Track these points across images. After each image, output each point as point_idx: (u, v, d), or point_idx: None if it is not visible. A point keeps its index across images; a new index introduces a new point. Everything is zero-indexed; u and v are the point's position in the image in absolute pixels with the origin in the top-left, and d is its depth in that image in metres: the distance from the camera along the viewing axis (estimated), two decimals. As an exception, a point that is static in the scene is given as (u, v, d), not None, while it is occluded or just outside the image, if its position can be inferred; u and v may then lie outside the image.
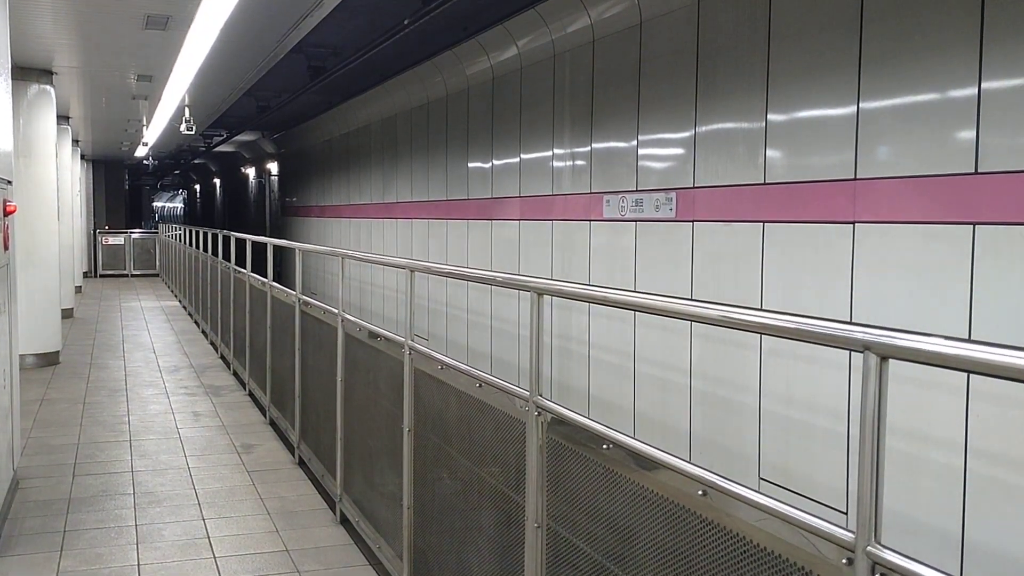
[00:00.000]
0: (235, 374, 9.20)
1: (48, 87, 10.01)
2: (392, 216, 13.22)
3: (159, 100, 12.28)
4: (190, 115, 12.52)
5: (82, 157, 21.36)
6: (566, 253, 7.95)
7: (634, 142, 6.85)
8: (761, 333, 1.86)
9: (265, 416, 7.31)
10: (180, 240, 16.81)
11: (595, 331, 7.36)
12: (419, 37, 9.54)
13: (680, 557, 1.92)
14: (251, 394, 8.16)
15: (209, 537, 4.64)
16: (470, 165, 10.21)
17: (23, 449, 6.06)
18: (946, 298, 4.30)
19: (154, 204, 47.41)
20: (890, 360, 1.39)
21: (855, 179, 4.80)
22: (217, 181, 37.53)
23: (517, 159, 8.94)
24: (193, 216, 45.55)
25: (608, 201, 7.19)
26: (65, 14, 7.40)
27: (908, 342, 1.36)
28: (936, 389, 4.24)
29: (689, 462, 1.92)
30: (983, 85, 4.12)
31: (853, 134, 4.82)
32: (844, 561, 1.46)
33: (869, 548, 1.40)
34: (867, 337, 1.41)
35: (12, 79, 8.72)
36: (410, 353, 3.68)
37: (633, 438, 2.13)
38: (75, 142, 17.85)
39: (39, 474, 5.72)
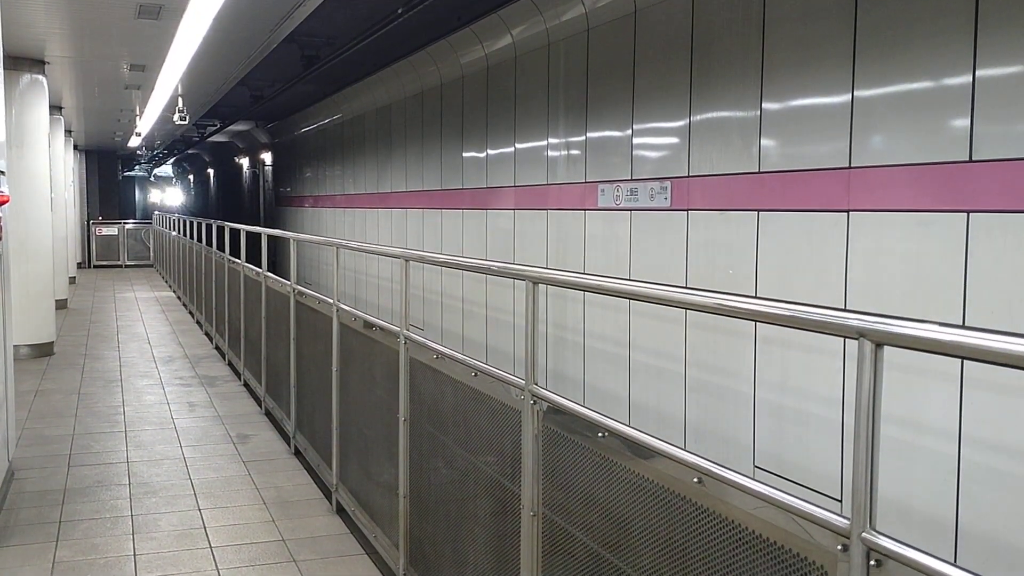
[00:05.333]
0: (230, 364, 9.19)
1: (40, 77, 9.95)
2: (387, 206, 13.20)
3: (152, 90, 12.23)
4: (183, 105, 12.46)
5: (75, 147, 21.27)
6: (561, 242, 7.95)
7: (629, 131, 6.84)
8: (756, 321, 1.86)
9: (260, 406, 7.31)
10: (174, 229, 16.78)
11: (590, 320, 7.37)
12: (413, 26, 9.50)
13: (676, 545, 1.93)
14: (246, 384, 8.16)
15: (205, 527, 4.65)
16: (465, 155, 10.19)
17: (18, 440, 6.05)
18: (940, 286, 4.31)
19: (149, 199, 47.00)
20: (885, 347, 1.39)
21: (850, 167, 4.81)
22: (211, 171, 37.41)
23: (512, 149, 8.93)
24: (187, 206, 45.41)
25: (603, 190, 7.19)
26: (57, 2, 7.35)
27: (903, 329, 1.36)
28: (930, 376, 4.26)
29: (684, 450, 1.93)
30: (977, 73, 4.12)
31: (848, 122, 4.82)
32: (839, 547, 1.47)
33: (864, 534, 1.41)
34: (862, 324, 1.41)
35: (4, 69, 8.68)
36: (405, 343, 3.68)
37: (628, 426, 2.14)
38: (68, 132, 17.77)
39: (34, 465, 5.71)
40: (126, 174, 35.38)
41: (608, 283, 2.45)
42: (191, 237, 13.44)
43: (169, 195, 48.78)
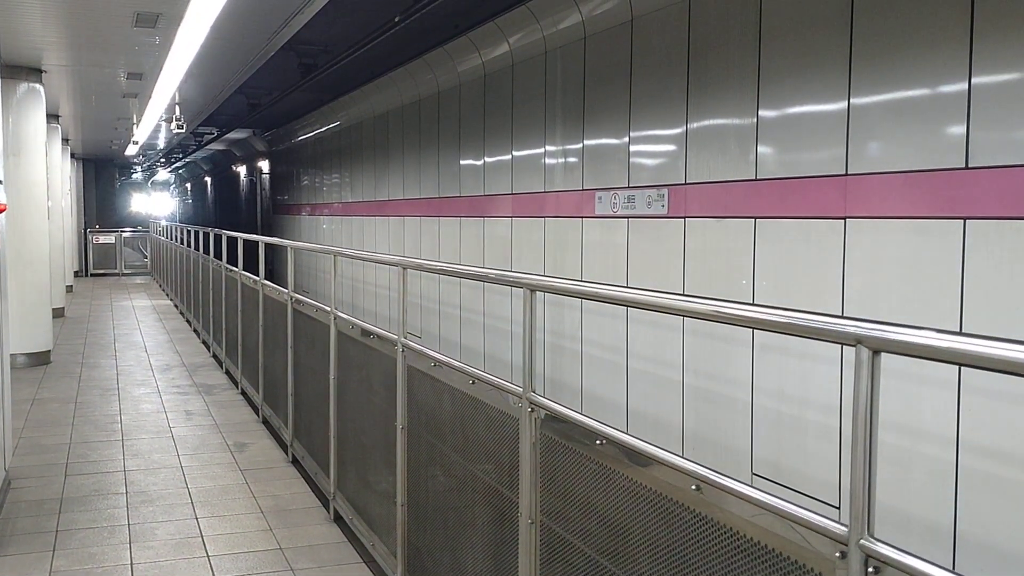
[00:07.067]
0: (227, 373, 9.18)
1: (37, 85, 9.96)
2: (384, 214, 13.20)
3: (149, 98, 12.23)
4: (180, 113, 12.48)
5: (72, 156, 21.27)
6: (558, 250, 7.95)
7: (626, 139, 6.85)
8: (753, 328, 1.86)
9: (258, 415, 7.30)
10: (171, 238, 16.77)
11: (588, 327, 7.37)
12: (410, 34, 9.51)
13: (674, 552, 1.93)
14: (243, 392, 8.15)
15: (202, 536, 4.63)
16: (462, 162, 10.20)
17: (14, 449, 6.04)
18: (937, 293, 4.31)
19: (144, 208, 46.65)
20: (882, 354, 1.39)
21: (846, 174, 4.82)
22: (208, 179, 37.40)
23: (509, 156, 8.94)
24: (183, 215, 45.34)
25: (600, 198, 7.19)
26: (54, 11, 7.36)
27: (900, 336, 1.36)
28: (928, 383, 4.26)
29: (682, 457, 1.92)
30: (973, 80, 4.13)
31: (844, 130, 4.83)
32: (837, 555, 1.47)
33: (862, 541, 1.41)
34: (859, 331, 1.42)
35: (1, 77, 8.70)
36: (403, 350, 3.68)
37: (626, 434, 2.13)
38: (65, 140, 17.77)
39: (31, 474, 5.70)
40: (123, 181, 35.32)
41: (605, 290, 2.45)
42: (188, 245, 13.44)
43: (166, 203, 48.63)
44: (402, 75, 11.74)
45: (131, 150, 21.64)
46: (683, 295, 5.97)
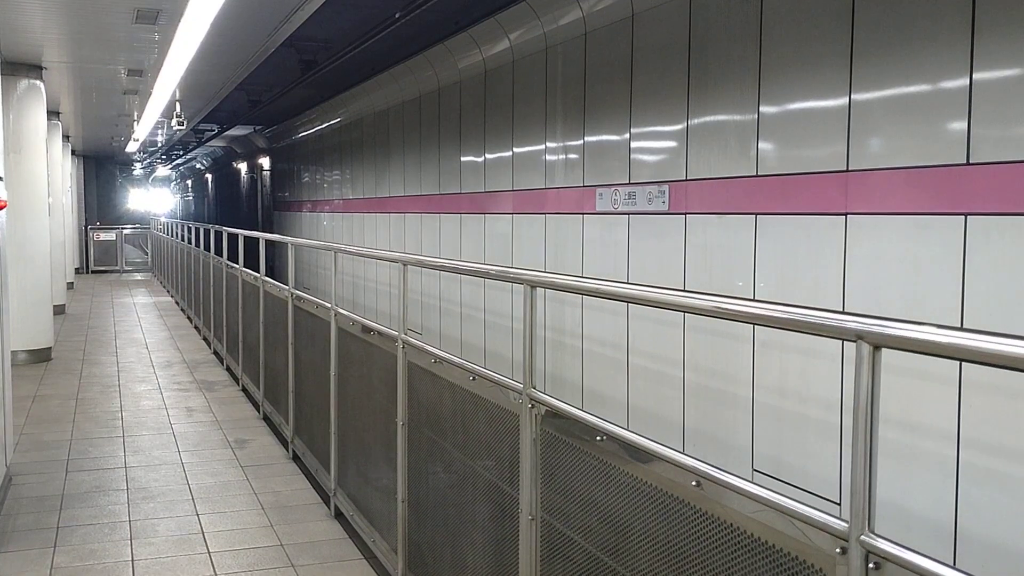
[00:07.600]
0: (228, 369, 9.18)
1: (38, 82, 9.95)
2: (385, 211, 13.20)
3: (150, 95, 12.23)
4: (181, 110, 12.47)
5: (72, 152, 21.26)
6: (559, 246, 7.95)
7: (627, 135, 6.85)
8: (754, 324, 1.86)
9: (259, 411, 7.30)
10: (172, 235, 16.78)
11: (588, 324, 7.36)
12: (411, 30, 9.50)
13: (674, 548, 1.93)
14: (244, 389, 8.15)
15: (203, 532, 4.64)
16: (463, 159, 10.19)
17: (15, 446, 6.04)
18: (938, 288, 4.31)
19: (143, 205, 46.48)
20: (883, 349, 1.39)
21: (847, 171, 4.81)
22: (208, 176, 37.39)
23: (510, 153, 8.93)
24: (184, 211, 45.32)
25: (601, 194, 7.19)
26: (55, 8, 7.35)
27: (901, 331, 1.36)
28: (929, 379, 4.26)
29: (683, 453, 1.92)
30: (974, 76, 4.13)
31: (845, 126, 4.82)
32: (838, 550, 1.47)
33: (863, 537, 1.41)
34: (860, 327, 1.41)
35: (2, 74, 8.70)
36: (403, 347, 3.68)
37: (627, 430, 2.13)
38: (65, 137, 17.76)
39: (32, 470, 5.70)
40: (123, 178, 35.32)
41: (606, 287, 2.45)
42: (189, 242, 13.44)
43: (166, 200, 48.59)
44: (403, 71, 11.73)
45: (132, 147, 21.63)
46: (684, 291, 5.97)
